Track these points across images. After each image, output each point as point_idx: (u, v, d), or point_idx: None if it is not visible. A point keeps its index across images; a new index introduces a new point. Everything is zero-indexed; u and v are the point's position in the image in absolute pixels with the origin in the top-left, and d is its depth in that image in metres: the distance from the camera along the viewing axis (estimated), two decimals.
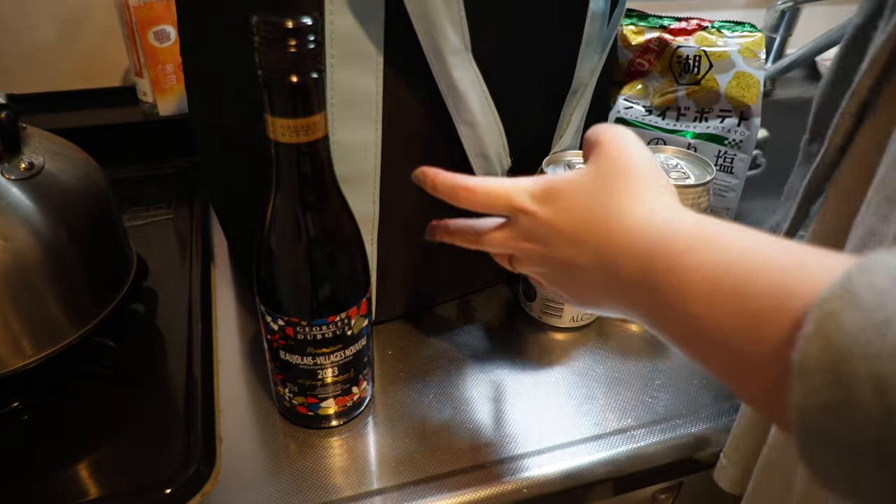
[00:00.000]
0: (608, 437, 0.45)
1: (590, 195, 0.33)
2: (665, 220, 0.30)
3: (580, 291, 0.34)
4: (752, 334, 0.24)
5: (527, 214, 0.34)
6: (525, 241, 0.35)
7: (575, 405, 0.47)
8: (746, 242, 0.26)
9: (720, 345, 0.25)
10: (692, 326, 0.26)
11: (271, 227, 0.37)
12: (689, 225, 0.29)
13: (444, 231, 0.40)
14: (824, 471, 0.20)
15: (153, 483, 0.40)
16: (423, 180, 0.38)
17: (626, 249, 0.30)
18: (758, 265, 0.24)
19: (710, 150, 0.69)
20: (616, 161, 0.33)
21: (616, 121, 0.70)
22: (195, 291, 0.56)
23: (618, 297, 0.31)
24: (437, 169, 0.37)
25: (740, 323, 0.24)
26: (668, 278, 0.27)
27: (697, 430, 0.45)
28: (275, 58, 0.31)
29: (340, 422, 0.45)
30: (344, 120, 0.41)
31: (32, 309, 0.43)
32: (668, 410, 0.47)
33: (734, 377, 0.26)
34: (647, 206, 0.31)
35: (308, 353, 0.40)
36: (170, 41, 0.73)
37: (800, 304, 0.22)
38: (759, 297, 0.24)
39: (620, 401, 0.48)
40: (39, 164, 0.46)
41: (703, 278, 0.26)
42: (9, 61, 0.76)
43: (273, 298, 0.39)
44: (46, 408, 0.46)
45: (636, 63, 0.72)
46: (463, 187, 0.36)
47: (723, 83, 0.68)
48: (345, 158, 0.42)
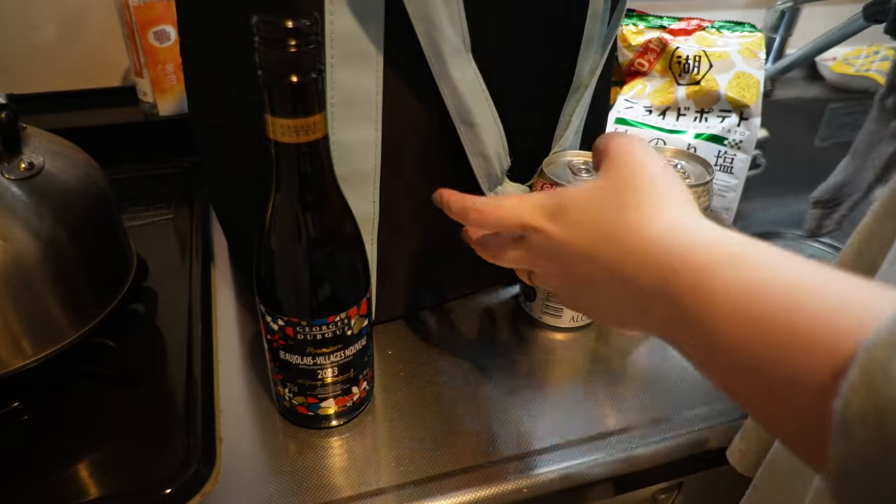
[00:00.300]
0: (608, 436, 0.45)
1: (602, 209, 0.31)
2: (687, 232, 0.28)
3: (602, 309, 0.34)
4: (786, 371, 0.22)
5: (538, 232, 0.33)
6: (540, 258, 0.35)
7: (575, 405, 0.47)
8: (779, 264, 0.24)
9: (748, 376, 0.23)
10: (718, 350, 0.25)
11: (271, 227, 0.37)
12: (714, 239, 0.27)
13: (467, 238, 0.40)
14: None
15: (153, 483, 0.40)
16: (441, 202, 0.38)
17: (648, 265, 0.28)
18: (796, 293, 0.22)
19: (710, 150, 0.69)
20: (628, 172, 0.32)
21: (616, 121, 0.70)
22: (195, 291, 0.56)
23: (640, 314, 0.30)
24: (450, 190, 0.38)
25: (773, 354, 0.22)
26: (693, 297, 0.26)
27: (697, 430, 0.45)
28: (275, 58, 0.31)
29: (340, 422, 0.45)
30: (344, 120, 0.41)
31: (32, 309, 0.43)
32: (667, 410, 0.47)
33: (762, 412, 0.24)
34: (666, 218, 0.29)
35: (308, 353, 0.40)
36: (170, 41, 0.73)
37: (844, 346, 0.20)
38: (795, 331, 0.22)
39: (620, 401, 0.48)
40: (39, 164, 0.46)
41: (730, 300, 0.24)
42: (9, 61, 0.77)
43: (273, 298, 0.39)
44: (46, 408, 0.46)
45: (636, 63, 0.72)
46: (473, 208, 0.36)
47: (723, 83, 0.68)
48: (345, 158, 0.42)
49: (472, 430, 0.45)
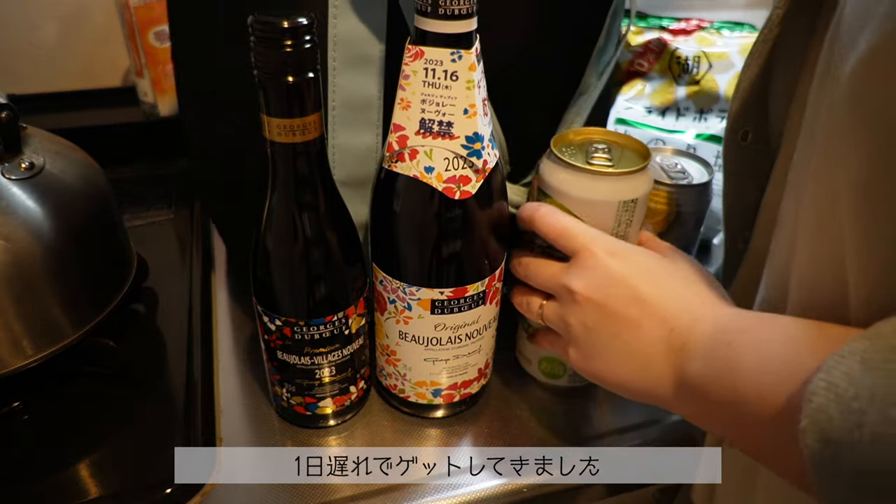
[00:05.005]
0: (608, 436, 0.45)
1: (664, 267, 0.35)
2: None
3: (615, 362, 0.34)
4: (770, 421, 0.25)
5: (595, 257, 0.35)
6: (584, 282, 0.35)
7: (575, 405, 0.47)
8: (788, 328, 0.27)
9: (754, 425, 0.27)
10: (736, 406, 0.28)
11: (267, 227, 0.37)
12: (741, 314, 0.31)
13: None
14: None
15: (153, 483, 0.40)
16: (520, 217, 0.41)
17: (703, 320, 0.31)
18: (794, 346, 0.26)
19: (710, 150, 0.68)
20: (689, 261, 0.37)
21: (616, 121, 0.70)
22: (195, 291, 0.56)
23: (662, 364, 0.32)
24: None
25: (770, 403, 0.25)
26: (730, 350, 0.29)
27: (697, 430, 0.45)
28: (270, 58, 0.31)
29: (338, 421, 0.45)
30: (345, 124, 0.41)
31: (33, 309, 0.43)
32: (667, 410, 0.47)
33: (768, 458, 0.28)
34: (726, 307, 0.33)
35: (305, 353, 0.40)
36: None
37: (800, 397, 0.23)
38: (766, 393, 0.25)
39: (620, 400, 0.48)
40: (40, 164, 0.46)
41: (758, 355, 0.27)
42: (9, 61, 0.77)
43: (270, 298, 0.39)
44: (46, 408, 0.46)
45: (636, 63, 0.72)
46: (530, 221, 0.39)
47: (722, 83, 0.68)
48: (345, 162, 0.42)
49: (472, 430, 0.45)
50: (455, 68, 0.33)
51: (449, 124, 0.34)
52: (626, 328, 0.33)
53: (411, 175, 0.35)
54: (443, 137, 0.34)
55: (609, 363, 0.35)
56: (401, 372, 0.43)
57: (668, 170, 0.47)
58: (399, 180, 0.36)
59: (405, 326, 0.41)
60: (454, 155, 0.35)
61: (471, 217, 0.37)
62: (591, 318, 0.35)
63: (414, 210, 0.37)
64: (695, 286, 0.34)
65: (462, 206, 0.36)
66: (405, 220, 0.38)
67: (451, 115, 0.34)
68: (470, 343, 0.42)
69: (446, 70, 0.33)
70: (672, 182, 0.45)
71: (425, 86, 0.34)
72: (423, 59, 0.33)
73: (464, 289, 0.39)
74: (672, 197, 0.45)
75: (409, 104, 0.34)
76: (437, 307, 0.39)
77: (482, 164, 0.35)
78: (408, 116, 0.34)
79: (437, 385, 0.43)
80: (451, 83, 0.33)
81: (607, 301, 0.34)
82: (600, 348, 0.35)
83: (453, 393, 0.44)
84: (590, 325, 0.35)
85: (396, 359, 0.43)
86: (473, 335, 0.42)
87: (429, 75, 0.33)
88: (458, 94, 0.33)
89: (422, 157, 0.35)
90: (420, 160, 0.35)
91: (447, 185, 0.35)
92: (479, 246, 0.39)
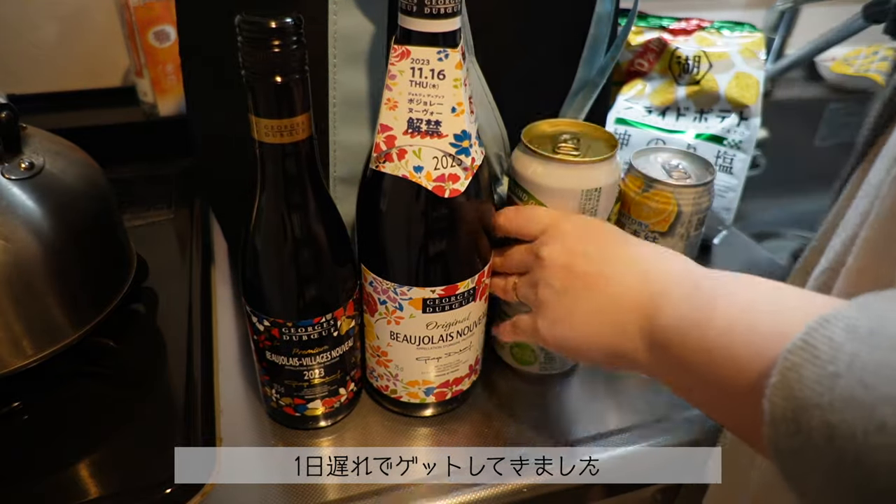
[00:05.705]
0: (608, 436, 0.45)
1: (613, 233, 0.37)
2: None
3: (585, 324, 0.35)
4: (734, 374, 0.26)
5: (559, 227, 0.37)
6: (550, 249, 0.37)
7: (575, 405, 0.47)
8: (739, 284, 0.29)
9: (721, 379, 0.27)
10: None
11: (256, 227, 0.37)
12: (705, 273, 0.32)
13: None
14: (806, 495, 0.22)
15: (153, 483, 0.40)
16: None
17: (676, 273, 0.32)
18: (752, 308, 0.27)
19: (709, 150, 0.69)
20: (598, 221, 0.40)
21: (616, 121, 0.70)
22: (195, 291, 0.56)
23: (631, 316, 0.32)
24: None
25: (722, 363, 0.26)
26: (705, 301, 0.29)
27: (697, 429, 0.45)
28: (257, 58, 0.31)
29: (329, 422, 0.45)
30: (346, 121, 0.41)
31: (33, 309, 0.43)
32: (668, 410, 0.47)
33: (712, 409, 0.29)
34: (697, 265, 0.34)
35: (294, 354, 0.40)
36: (170, 41, 0.73)
37: (771, 352, 0.24)
38: (737, 344, 0.26)
39: (620, 401, 0.48)
40: (40, 164, 0.46)
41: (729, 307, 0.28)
42: (9, 61, 0.77)
43: (258, 299, 0.38)
44: (46, 408, 0.46)
45: (636, 63, 0.72)
46: (502, 214, 0.40)
47: (722, 83, 0.68)
48: (345, 159, 0.42)
49: (470, 431, 0.45)
50: (442, 67, 0.33)
51: (437, 123, 0.34)
52: (595, 285, 0.34)
53: (400, 175, 0.35)
54: (431, 136, 0.34)
55: (577, 325, 0.35)
56: (392, 373, 0.43)
57: (669, 170, 0.47)
58: (387, 181, 0.36)
59: (396, 327, 0.41)
60: (443, 153, 0.35)
61: (461, 214, 0.37)
62: (560, 279, 0.35)
63: (404, 210, 0.37)
64: (662, 248, 0.35)
65: (452, 204, 0.36)
66: (395, 221, 0.38)
67: (440, 113, 0.34)
68: (461, 340, 0.42)
69: (433, 69, 0.33)
70: (672, 182, 0.45)
71: (412, 85, 0.34)
72: (410, 58, 0.33)
73: (455, 286, 0.39)
74: (672, 197, 0.45)
75: (396, 104, 0.34)
76: (429, 306, 0.39)
77: (470, 162, 0.35)
78: (395, 116, 0.34)
79: (430, 384, 0.43)
80: (439, 82, 0.33)
81: (574, 260, 0.35)
82: (568, 310, 0.35)
83: (445, 391, 0.44)
84: (558, 286, 0.36)
85: (388, 359, 0.43)
86: (464, 332, 0.42)
87: (416, 74, 0.33)
88: (445, 93, 0.33)
89: (410, 157, 0.35)
90: (409, 160, 0.35)
91: (437, 184, 0.35)
92: (470, 242, 0.39)
